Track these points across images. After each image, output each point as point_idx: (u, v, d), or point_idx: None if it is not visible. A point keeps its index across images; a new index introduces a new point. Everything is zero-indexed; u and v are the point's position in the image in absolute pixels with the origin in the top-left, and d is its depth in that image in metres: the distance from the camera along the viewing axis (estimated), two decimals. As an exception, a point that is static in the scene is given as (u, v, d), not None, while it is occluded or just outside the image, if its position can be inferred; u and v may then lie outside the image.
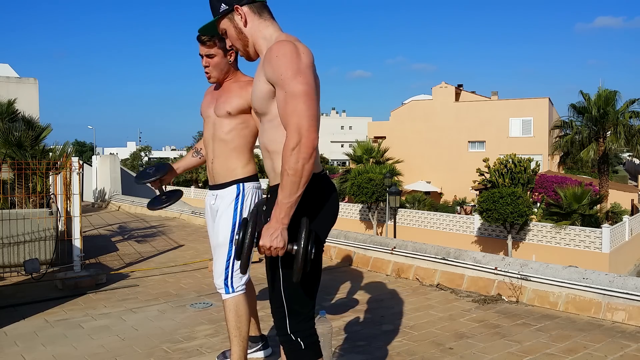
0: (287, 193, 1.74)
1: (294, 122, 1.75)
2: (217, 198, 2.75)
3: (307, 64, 1.81)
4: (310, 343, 1.94)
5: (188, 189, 39.54)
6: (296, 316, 1.92)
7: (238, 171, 2.71)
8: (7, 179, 8.22)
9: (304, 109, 1.75)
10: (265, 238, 1.75)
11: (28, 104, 13.34)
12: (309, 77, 1.80)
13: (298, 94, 1.76)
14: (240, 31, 1.95)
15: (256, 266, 5.48)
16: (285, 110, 1.78)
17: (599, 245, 20.11)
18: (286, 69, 1.78)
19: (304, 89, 1.77)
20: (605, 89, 26.79)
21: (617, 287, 3.75)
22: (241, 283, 2.70)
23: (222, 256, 2.70)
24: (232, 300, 2.68)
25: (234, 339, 2.65)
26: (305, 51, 1.84)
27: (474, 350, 3.21)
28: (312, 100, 1.78)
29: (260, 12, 1.95)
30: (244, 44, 1.97)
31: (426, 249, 5.05)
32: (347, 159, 36.84)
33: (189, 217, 10.01)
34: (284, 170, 1.75)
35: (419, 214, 26.08)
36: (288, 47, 1.81)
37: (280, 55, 1.79)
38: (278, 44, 1.83)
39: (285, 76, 1.78)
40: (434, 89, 37.54)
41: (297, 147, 1.73)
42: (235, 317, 2.66)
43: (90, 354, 3.23)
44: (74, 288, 4.76)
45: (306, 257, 1.76)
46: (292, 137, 1.74)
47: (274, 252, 1.76)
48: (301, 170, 1.73)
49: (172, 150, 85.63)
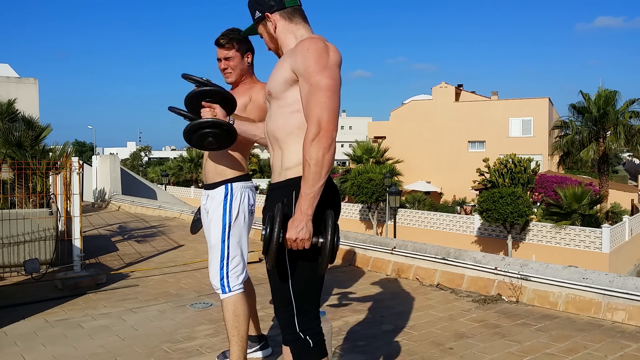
0: (310, 183, 1.77)
1: (316, 113, 1.80)
2: (209, 198, 2.76)
3: (334, 62, 1.88)
4: (319, 341, 1.95)
5: (188, 189, 39.54)
6: (305, 314, 1.93)
7: (227, 171, 2.72)
8: (7, 179, 8.21)
9: (326, 102, 1.81)
10: (291, 230, 1.77)
11: (28, 104, 13.33)
12: (336, 74, 1.86)
13: (323, 87, 1.82)
14: (272, 35, 2.05)
15: (256, 266, 5.49)
16: (309, 102, 1.83)
17: (599, 245, 20.11)
18: (315, 62, 1.84)
19: (329, 83, 1.83)
20: (605, 89, 26.81)
21: (617, 287, 3.75)
22: (238, 282, 2.69)
23: (215, 257, 2.69)
24: (230, 300, 2.67)
25: (233, 339, 2.65)
26: (334, 50, 1.91)
27: (474, 350, 3.21)
28: (335, 95, 1.84)
29: (291, 17, 2.02)
30: (276, 46, 2.07)
31: (426, 249, 5.05)
32: (347, 159, 36.86)
33: (189, 217, 10.00)
34: (305, 161, 1.79)
35: (419, 214, 26.08)
36: (319, 43, 1.88)
37: (311, 49, 1.86)
38: (310, 39, 1.91)
39: (312, 69, 1.83)
40: (434, 89, 37.54)
41: (316, 137, 1.78)
42: (233, 316, 2.65)
43: (90, 354, 3.23)
44: (74, 288, 4.76)
45: (333, 249, 1.78)
46: (312, 128, 1.79)
47: (300, 244, 1.78)
48: (322, 160, 1.77)
49: (172, 150, 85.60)
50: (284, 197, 1.90)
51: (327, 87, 1.82)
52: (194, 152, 41.63)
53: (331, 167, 1.82)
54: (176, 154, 66.89)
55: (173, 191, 34.56)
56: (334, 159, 1.82)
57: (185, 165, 42.69)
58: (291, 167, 1.91)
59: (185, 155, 43.40)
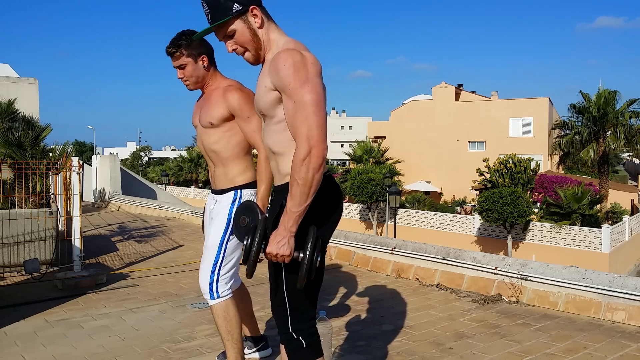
0: (297, 202, 1.75)
1: (304, 132, 1.74)
2: (216, 203, 2.76)
3: (314, 73, 1.80)
4: (312, 342, 1.94)
5: (188, 189, 39.54)
6: (298, 315, 1.93)
7: (237, 179, 2.71)
8: (7, 179, 8.21)
9: (314, 119, 1.75)
10: (272, 245, 1.77)
11: (28, 104, 13.33)
12: (317, 86, 1.79)
13: (307, 104, 1.76)
14: (255, 33, 1.91)
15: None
16: (295, 120, 1.78)
17: (599, 245, 20.12)
18: (294, 78, 1.77)
19: (313, 98, 1.76)
20: (605, 89, 26.82)
21: (617, 287, 3.75)
22: (226, 288, 2.66)
23: (209, 259, 2.66)
24: (219, 306, 2.64)
25: (227, 343, 2.63)
26: (313, 60, 1.82)
27: (474, 350, 3.21)
28: (321, 109, 1.78)
29: (267, 16, 1.95)
30: (257, 46, 1.92)
31: (426, 249, 5.05)
32: (347, 159, 36.87)
33: (189, 217, 10.01)
34: (293, 179, 1.75)
35: (419, 214, 26.08)
36: (296, 56, 1.79)
37: (288, 64, 1.78)
38: (286, 53, 1.81)
39: (293, 86, 1.77)
40: (434, 89, 37.55)
41: (307, 157, 1.73)
42: (225, 321, 2.62)
43: (90, 354, 3.23)
44: (74, 288, 4.76)
45: (311, 266, 1.77)
46: (303, 148, 1.74)
47: (280, 259, 1.78)
48: (311, 180, 1.74)
49: (172, 150, 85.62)
50: (283, 199, 1.89)
51: (311, 103, 1.75)
52: (194, 152, 41.63)
53: (319, 186, 1.77)
54: (176, 154, 66.89)
55: (173, 191, 34.55)
56: (322, 177, 1.78)
57: (185, 165, 42.66)
58: (288, 174, 1.90)
59: (185, 155, 43.37)
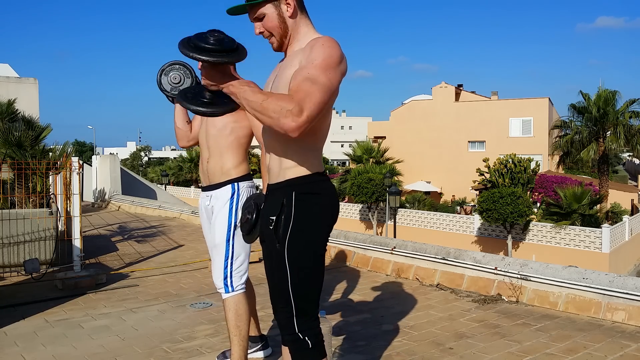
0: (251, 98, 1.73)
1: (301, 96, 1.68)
2: (212, 198, 2.76)
3: (342, 70, 1.81)
4: (317, 342, 1.94)
5: (188, 189, 39.52)
6: (304, 315, 1.93)
7: (232, 171, 2.72)
8: (7, 179, 8.21)
9: (317, 94, 1.70)
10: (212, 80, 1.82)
11: (28, 104, 13.33)
12: (336, 80, 1.78)
13: (320, 83, 1.71)
14: (284, 21, 1.90)
15: (256, 266, 5.48)
16: (299, 86, 1.70)
17: (599, 245, 20.11)
18: (323, 59, 1.76)
19: (327, 84, 1.73)
20: (605, 89, 26.80)
21: (617, 287, 3.75)
22: (241, 282, 2.71)
23: (220, 256, 2.70)
24: (232, 299, 2.68)
25: (234, 338, 2.66)
26: (344, 61, 1.83)
27: (474, 350, 3.21)
28: (326, 94, 1.73)
29: (301, 9, 1.94)
30: (284, 34, 1.92)
31: (426, 249, 5.05)
32: (347, 159, 36.88)
33: (189, 217, 10.01)
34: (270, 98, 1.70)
35: (419, 214, 26.08)
36: (337, 46, 1.81)
37: (327, 46, 1.78)
38: (330, 40, 1.82)
39: (318, 63, 1.75)
40: (434, 89, 37.54)
41: (288, 111, 1.65)
42: (235, 316, 2.66)
43: (90, 354, 3.23)
44: (74, 288, 4.76)
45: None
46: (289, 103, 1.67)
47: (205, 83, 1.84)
48: (266, 113, 1.69)
49: (172, 150, 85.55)
50: (283, 197, 1.89)
51: (323, 84, 1.71)
52: (193, 152, 41.60)
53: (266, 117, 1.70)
54: (176, 154, 66.86)
55: (173, 191, 34.55)
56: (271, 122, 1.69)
57: (185, 165, 42.67)
58: (290, 167, 1.89)
59: (185, 155, 43.38)
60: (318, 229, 1.91)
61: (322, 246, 1.95)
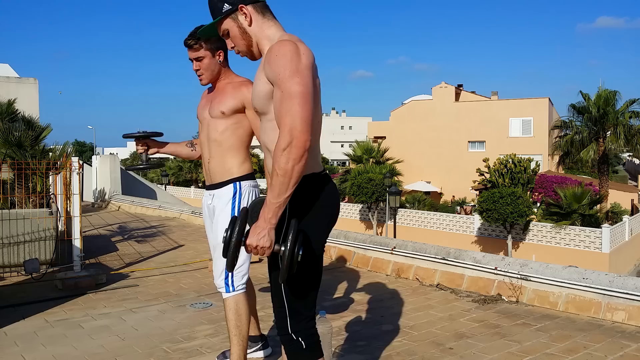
0: (276, 193, 1.73)
1: (287, 122, 1.73)
2: (214, 198, 2.76)
3: (306, 65, 1.79)
4: (311, 343, 1.94)
5: (188, 189, 39.53)
6: (297, 316, 1.93)
7: (234, 170, 2.72)
8: (7, 179, 8.21)
9: (298, 110, 1.73)
10: (252, 237, 1.76)
11: (28, 104, 13.33)
12: (307, 79, 1.78)
13: (294, 95, 1.74)
14: (245, 31, 1.94)
15: (256, 266, 5.48)
16: (280, 110, 1.77)
17: (599, 245, 20.12)
18: (284, 68, 1.76)
19: (300, 89, 1.75)
20: (605, 89, 26.82)
21: (617, 287, 3.75)
22: (242, 282, 2.71)
23: (221, 256, 2.70)
24: (233, 299, 2.68)
25: (234, 338, 2.66)
26: (305, 52, 1.82)
27: (474, 350, 3.21)
28: (307, 101, 1.75)
29: (263, 12, 1.94)
30: (248, 44, 1.96)
31: (426, 249, 5.05)
32: (347, 159, 36.87)
33: (189, 217, 10.01)
34: (273, 170, 1.74)
35: (419, 214, 26.09)
36: (288, 46, 1.79)
37: (279, 54, 1.78)
38: (279, 43, 1.82)
39: (283, 75, 1.76)
40: (434, 89, 37.55)
41: (288, 147, 1.71)
42: (236, 315, 2.66)
43: (90, 354, 3.23)
44: (74, 288, 4.76)
45: (292, 259, 1.76)
46: (284, 138, 1.73)
47: (260, 251, 1.77)
48: (290, 172, 1.72)
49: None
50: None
51: (298, 95, 1.74)
52: (194, 152, 41.59)
53: (300, 178, 1.75)
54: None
55: (173, 191, 34.55)
56: (304, 170, 1.75)
57: (185, 165, 42.69)
58: None
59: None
60: (316, 230, 1.91)
61: (320, 247, 1.95)
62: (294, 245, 1.75)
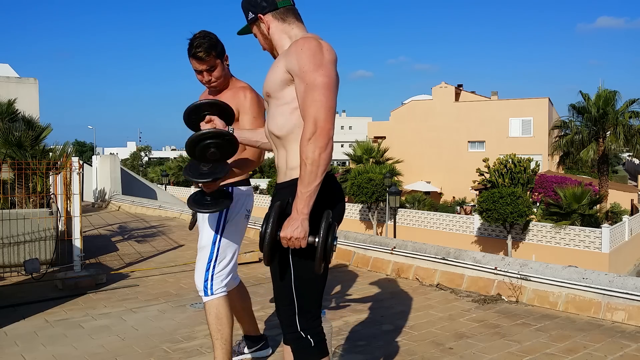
0: (306, 183, 1.78)
1: (312, 112, 1.80)
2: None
3: (329, 59, 1.88)
4: (319, 340, 1.95)
5: (188, 189, 39.54)
6: (306, 314, 1.94)
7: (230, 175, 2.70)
8: (7, 179, 8.21)
9: (322, 100, 1.80)
10: (286, 229, 1.78)
11: (28, 104, 13.31)
12: (331, 71, 1.86)
13: (318, 86, 1.81)
14: (266, 36, 2.07)
15: (256, 266, 5.49)
16: (305, 101, 1.83)
17: (599, 245, 20.13)
18: (309, 62, 1.84)
19: (325, 81, 1.82)
20: (605, 89, 26.80)
21: (616, 287, 3.75)
22: (221, 286, 2.66)
23: (203, 258, 2.67)
24: (212, 303, 2.64)
25: (216, 342, 2.62)
26: (328, 48, 1.91)
27: (474, 350, 3.21)
28: (330, 92, 1.83)
29: (284, 17, 2.02)
30: (270, 46, 2.09)
31: (426, 249, 5.05)
32: (347, 159, 36.85)
33: (189, 217, 10.00)
34: (301, 160, 1.79)
35: (419, 214, 26.10)
36: (313, 42, 1.88)
37: (304, 48, 1.86)
38: (303, 39, 1.90)
39: (307, 69, 1.83)
40: (433, 89, 37.54)
41: (313, 136, 1.77)
42: (216, 319, 2.63)
43: (90, 354, 3.23)
44: (74, 288, 4.76)
45: (326, 249, 1.78)
46: (309, 128, 1.79)
47: (295, 243, 1.79)
48: (318, 159, 1.77)
49: (172, 150, 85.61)
50: (290, 196, 1.89)
51: (322, 85, 1.81)
52: (193, 152, 41.64)
53: (328, 166, 1.81)
54: (176, 154, 66.89)
55: (173, 191, 34.57)
56: (331, 158, 1.82)
57: (185, 165, 42.75)
58: (296, 167, 1.90)
59: (185, 155, 43.41)
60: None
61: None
62: (327, 235, 1.78)
